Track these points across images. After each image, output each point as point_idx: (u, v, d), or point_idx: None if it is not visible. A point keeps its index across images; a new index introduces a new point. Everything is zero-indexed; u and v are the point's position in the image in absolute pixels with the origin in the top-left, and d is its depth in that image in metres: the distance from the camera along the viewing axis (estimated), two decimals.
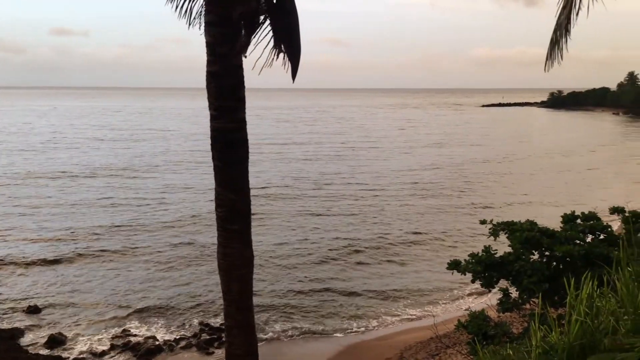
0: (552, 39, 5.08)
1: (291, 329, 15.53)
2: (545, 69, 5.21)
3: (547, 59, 5.19)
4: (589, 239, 10.43)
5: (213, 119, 4.07)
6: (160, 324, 15.76)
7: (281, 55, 3.53)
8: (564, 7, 4.64)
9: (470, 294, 16.96)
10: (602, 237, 10.48)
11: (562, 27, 4.85)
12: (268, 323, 15.68)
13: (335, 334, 15.22)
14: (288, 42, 3.37)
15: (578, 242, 10.10)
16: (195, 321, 15.90)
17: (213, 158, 4.24)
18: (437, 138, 68.92)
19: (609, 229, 10.59)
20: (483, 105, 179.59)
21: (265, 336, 14.94)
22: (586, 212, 11.28)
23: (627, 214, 11.02)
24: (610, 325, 5.00)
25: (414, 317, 16.30)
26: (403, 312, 16.60)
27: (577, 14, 4.79)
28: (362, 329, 15.61)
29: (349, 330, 15.46)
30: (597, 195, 31.68)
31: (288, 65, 3.51)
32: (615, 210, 11.37)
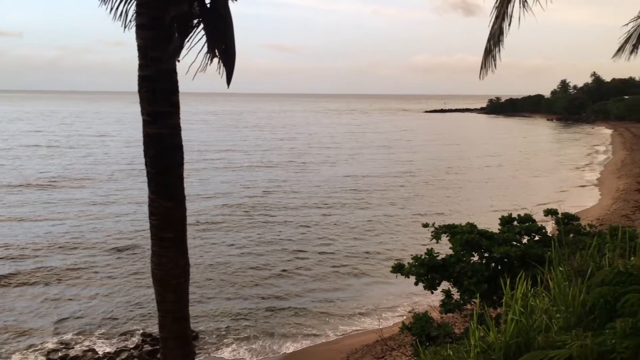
0: (486, 49, 5.25)
1: (233, 339, 15.24)
2: (480, 77, 5.38)
3: (481, 67, 5.36)
4: (525, 240, 10.83)
5: (146, 124, 3.95)
6: (99, 336, 15.17)
7: (215, 60, 3.47)
8: (496, 18, 4.80)
9: (414, 296, 17.25)
10: (537, 238, 10.88)
11: (495, 38, 5.02)
12: (208, 333, 15.36)
13: (280, 342, 15.10)
14: (222, 47, 3.31)
15: (515, 243, 10.50)
16: (137, 332, 15.40)
17: (146, 165, 4.11)
18: (384, 143, 69.80)
19: (544, 230, 11.02)
20: (426, 111, 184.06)
21: (205, 347, 14.65)
22: (522, 215, 11.74)
23: (559, 216, 11.57)
24: (544, 323, 5.20)
25: (360, 321, 16.43)
26: (349, 316, 16.70)
27: (509, 25, 4.96)
28: (309, 336, 15.57)
29: (295, 338, 15.37)
30: (533, 199, 33.09)
31: (223, 70, 3.45)
32: (549, 212, 11.90)
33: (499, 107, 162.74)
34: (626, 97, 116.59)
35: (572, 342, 3.62)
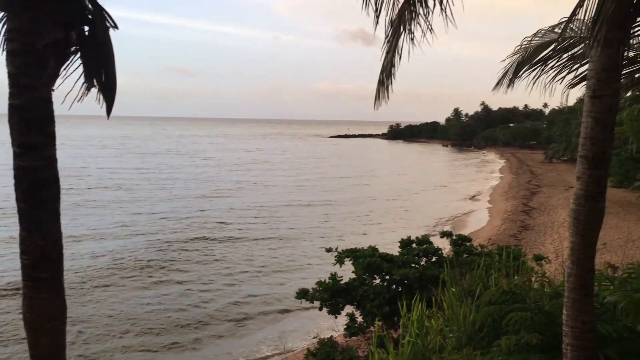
0: (379, 80, 5.44)
1: None
2: (375, 108, 5.55)
3: (376, 98, 5.53)
4: (423, 262, 11.25)
5: (17, 156, 3.64)
6: None
7: (95, 89, 3.30)
8: (387, 52, 5.01)
9: (320, 321, 17.26)
10: (434, 259, 11.32)
11: (387, 70, 5.23)
12: None
13: None
14: (101, 77, 3.14)
15: (414, 265, 10.89)
16: None
17: (17, 200, 3.78)
18: (290, 168, 70.05)
19: (440, 252, 11.49)
20: (331, 136, 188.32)
21: None
22: (420, 237, 12.24)
23: (454, 237, 12.21)
24: (438, 344, 5.41)
25: (265, 349, 16.14)
26: (254, 346, 16.33)
27: (400, 59, 5.18)
28: None
29: None
30: (430, 220, 34.66)
31: (103, 100, 3.27)
32: (445, 234, 12.54)
33: (399, 133, 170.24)
34: (511, 125, 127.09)
35: None
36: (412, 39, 4.95)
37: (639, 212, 35.78)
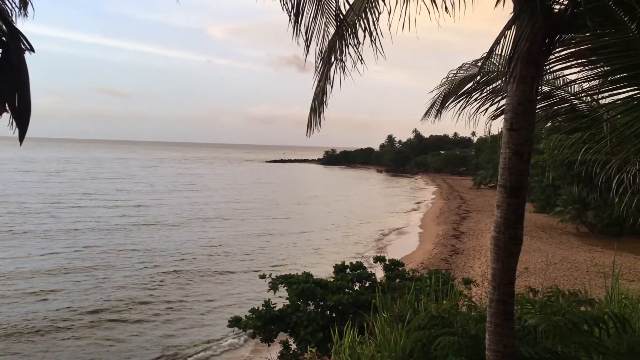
0: (312, 107, 5.50)
1: None
2: (307, 135, 5.59)
3: (308, 126, 5.58)
4: (357, 287, 11.32)
5: None
6: None
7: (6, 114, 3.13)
8: (319, 81, 5.09)
9: (253, 351, 16.92)
10: (367, 284, 11.42)
11: (319, 98, 5.30)
12: None
13: None
14: (14, 101, 2.99)
15: (347, 290, 10.94)
16: None
17: None
18: (227, 195, 68.15)
19: (373, 277, 11.62)
20: (268, 161, 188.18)
21: None
22: (354, 262, 12.34)
23: (387, 262, 12.41)
24: None
25: None
26: None
27: (332, 87, 5.28)
28: None
29: None
30: (362, 246, 35.08)
31: (15, 125, 3.11)
32: (378, 259, 12.74)
33: (334, 159, 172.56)
34: (442, 152, 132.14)
35: None
36: (343, 69, 5.06)
37: (559, 235, 37.84)
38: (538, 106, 5.37)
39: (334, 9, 4.65)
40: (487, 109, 6.00)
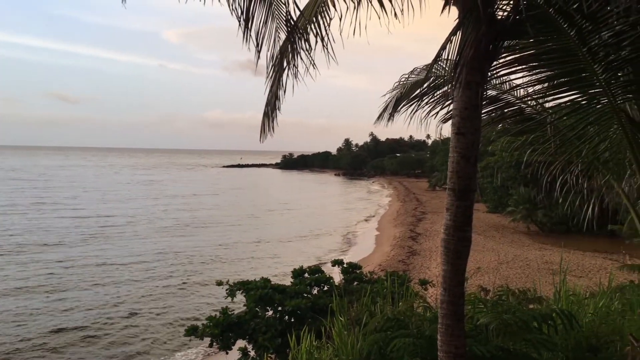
0: (264, 112, 5.48)
1: None
2: (260, 141, 5.56)
3: (261, 131, 5.55)
4: (315, 291, 11.31)
5: None
6: None
7: None
8: (271, 86, 5.08)
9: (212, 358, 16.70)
10: (326, 288, 11.43)
11: (272, 104, 5.28)
12: None
13: None
14: None
15: (306, 295, 10.92)
16: None
17: None
18: (186, 202, 66.34)
19: (332, 281, 11.63)
20: (224, 166, 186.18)
21: None
22: (313, 266, 12.33)
23: (345, 266, 12.45)
24: None
25: None
26: None
27: (285, 92, 5.27)
28: None
29: None
30: (320, 250, 35.11)
31: None
32: (336, 262, 12.75)
33: (292, 163, 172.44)
34: (398, 154, 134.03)
35: None
36: (295, 74, 5.06)
37: (511, 235, 38.98)
38: (486, 109, 5.53)
39: (285, 14, 4.64)
40: (437, 113, 6.12)
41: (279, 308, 10.62)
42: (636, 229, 4.90)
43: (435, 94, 6.07)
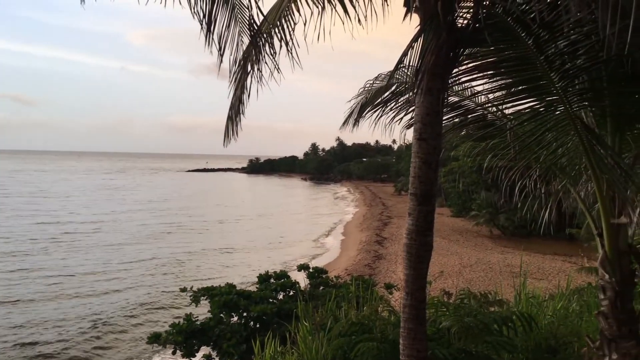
0: (228, 116, 5.44)
1: None
2: (224, 145, 5.51)
3: (225, 135, 5.51)
4: (281, 296, 11.26)
5: None
6: None
7: None
8: (235, 90, 5.04)
9: None
10: (291, 293, 11.39)
11: (236, 108, 5.24)
12: None
13: None
14: None
15: (271, 300, 10.85)
16: None
17: None
18: (150, 208, 64.63)
19: (297, 285, 11.59)
20: (188, 170, 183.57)
21: None
22: (278, 271, 12.27)
23: (311, 270, 12.44)
24: None
25: None
26: None
27: (249, 97, 5.23)
28: None
29: None
30: (285, 256, 34.95)
31: None
32: (302, 267, 12.72)
33: (258, 167, 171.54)
34: (364, 159, 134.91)
35: None
36: (260, 78, 5.04)
37: (475, 238, 39.68)
38: (448, 116, 5.61)
39: (248, 17, 4.62)
40: (402, 119, 6.18)
41: (244, 314, 10.54)
42: (592, 232, 5.05)
43: (399, 100, 6.13)
